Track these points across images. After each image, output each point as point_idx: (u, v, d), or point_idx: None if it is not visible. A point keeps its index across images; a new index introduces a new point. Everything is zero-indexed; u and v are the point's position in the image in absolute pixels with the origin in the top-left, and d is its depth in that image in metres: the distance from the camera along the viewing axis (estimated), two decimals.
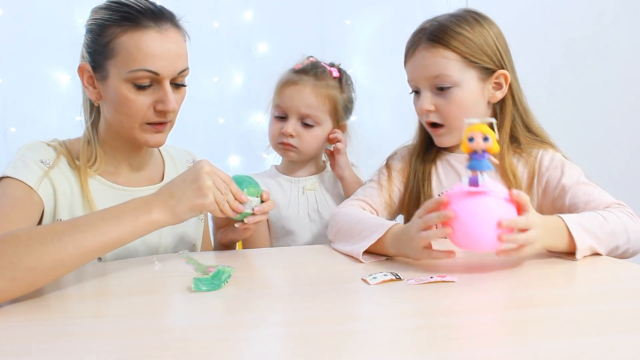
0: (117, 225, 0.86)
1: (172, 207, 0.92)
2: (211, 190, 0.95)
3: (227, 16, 2.21)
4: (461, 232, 0.86)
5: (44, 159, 1.07)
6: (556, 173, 1.11)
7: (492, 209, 0.85)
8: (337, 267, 0.98)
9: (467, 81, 1.12)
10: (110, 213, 0.89)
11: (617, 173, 2.23)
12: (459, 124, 1.12)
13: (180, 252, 0.96)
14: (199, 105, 2.15)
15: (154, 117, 1.08)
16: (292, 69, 1.31)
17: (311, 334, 0.65)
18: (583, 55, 2.25)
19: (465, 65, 1.12)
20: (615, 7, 2.27)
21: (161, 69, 1.05)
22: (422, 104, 1.14)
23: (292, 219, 1.31)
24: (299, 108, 1.27)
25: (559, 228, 0.91)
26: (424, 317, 0.71)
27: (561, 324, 0.66)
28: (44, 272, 0.80)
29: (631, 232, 0.97)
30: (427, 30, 1.14)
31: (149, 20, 1.05)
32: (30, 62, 2.09)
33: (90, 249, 0.83)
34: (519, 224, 0.85)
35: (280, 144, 1.30)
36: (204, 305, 0.78)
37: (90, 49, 1.08)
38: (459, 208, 0.86)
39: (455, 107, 1.13)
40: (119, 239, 0.87)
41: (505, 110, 1.17)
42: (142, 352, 0.62)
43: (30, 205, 1.02)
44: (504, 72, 1.14)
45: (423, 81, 1.14)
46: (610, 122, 2.26)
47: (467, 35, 1.12)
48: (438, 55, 1.12)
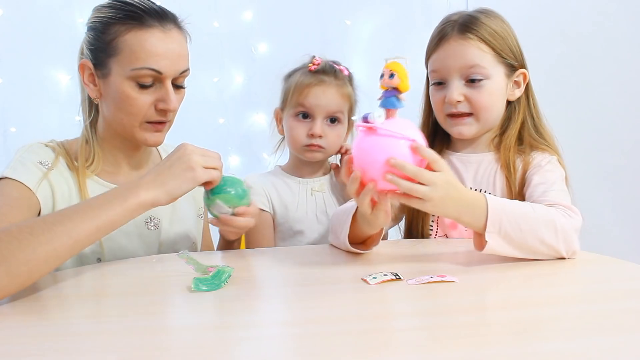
0: (106, 209, 0.87)
1: (161, 183, 0.92)
2: (198, 162, 0.95)
3: (227, 16, 2.22)
4: (357, 167, 0.86)
5: (42, 160, 1.07)
6: (534, 171, 1.11)
7: (383, 147, 0.83)
8: (337, 267, 0.98)
9: (495, 76, 1.12)
10: (99, 199, 0.89)
11: (617, 173, 2.23)
12: (487, 115, 1.14)
13: (180, 252, 0.96)
14: (199, 105, 2.15)
15: (154, 115, 1.08)
16: (306, 69, 1.30)
17: (311, 334, 0.65)
18: (583, 55, 2.25)
19: (495, 59, 1.12)
20: (615, 7, 2.27)
21: (164, 68, 1.05)
22: (452, 94, 1.12)
23: (301, 220, 1.31)
24: (327, 107, 1.27)
25: (477, 205, 0.89)
26: (424, 317, 0.71)
27: (561, 324, 0.67)
28: (37, 264, 0.80)
29: (560, 225, 0.91)
30: (458, 22, 1.13)
31: (153, 20, 1.05)
32: (30, 62, 2.09)
33: (82, 235, 0.83)
34: (406, 169, 0.82)
35: (308, 145, 1.29)
36: (204, 305, 0.78)
37: (92, 46, 1.09)
38: (357, 145, 0.87)
39: (486, 98, 1.13)
40: (110, 223, 0.87)
41: (519, 110, 1.17)
42: (142, 352, 0.62)
43: (28, 207, 1.02)
44: (525, 71, 1.15)
45: (455, 71, 1.12)
46: (610, 122, 2.26)
47: (497, 30, 1.12)
48: (473, 46, 1.11)
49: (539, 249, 0.91)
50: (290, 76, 1.32)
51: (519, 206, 0.94)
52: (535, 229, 0.90)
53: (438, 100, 1.16)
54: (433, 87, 1.18)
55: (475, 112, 1.14)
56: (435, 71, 1.16)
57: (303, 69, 1.30)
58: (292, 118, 1.29)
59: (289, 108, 1.29)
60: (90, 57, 1.09)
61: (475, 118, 1.14)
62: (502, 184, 1.14)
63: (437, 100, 1.16)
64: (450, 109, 1.14)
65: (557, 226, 0.91)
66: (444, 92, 1.14)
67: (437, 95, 1.16)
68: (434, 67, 1.16)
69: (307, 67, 1.30)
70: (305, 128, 1.27)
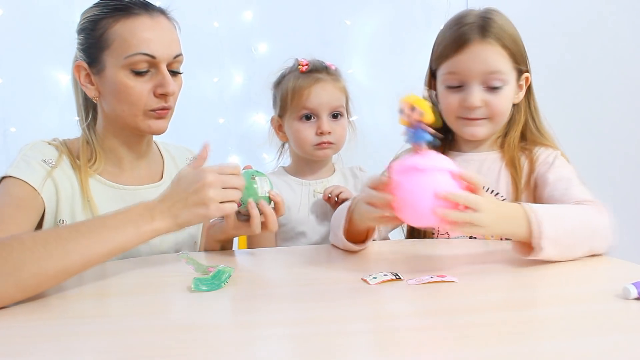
0: (120, 233, 0.86)
1: (174, 216, 0.91)
2: (213, 200, 0.92)
3: (227, 16, 2.22)
4: (402, 208, 0.85)
5: (46, 159, 1.08)
6: (544, 168, 1.11)
7: (428, 183, 0.82)
8: (337, 267, 0.98)
9: (511, 81, 1.12)
10: (114, 220, 0.88)
11: (617, 172, 2.23)
12: (502, 119, 1.15)
13: (180, 252, 0.96)
14: (199, 105, 2.16)
15: (154, 102, 1.09)
16: (296, 72, 1.30)
17: (311, 334, 0.65)
18: (583, 55, 2.25)
19: (511, 65, 1.12)
20: (615, 6, 2.27)
21: (157, 51, 1.06)
22: (473, 100, 1.10)
23: (303, 222, 1.30)
24: (329, 104, 1.28)
25: (518, 216, 0.88)
26: (424, 317, 0.71)
27: (561, 324, 0.67)
28: (47, 279, 0.80)
29: (596, 225, 0.93)
30: (476, 24, 1.10)
31: (139, 9, 1.08)
32: (30, 62, 2.09)
33: (94, 256, 0.84)
34: (458, 198, 0.82)
35: (318, 144, 1.29)
36: (204, 305, 0.78)
37: (83, 45, 1.10)
38: (397, 184, 0.85)
39: (504, 103, 1.12)
40: (122, 247, 0.87)
41: (520, 111, 1.17)
42: (142, 352, 0.62)
43: (32, 206, 1.02)
44: (528, 75, 1.15)
45: (476, 76, 1.10)
46: (610, 121, 2.26)
47: (512, 34, 1.12)
48: (495, 52, 1.10)
49: (581, 250, 0.92)
50: (280, 82, 1.32)
51: (558, 209, 0.94)
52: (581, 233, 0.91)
53: (452, 103, 1.14)
54: (446, 90, 1.14)
55: (492, 117, 1.13)
56: (454, 74, 1.12)
57: (292, 72, 1.31)
58: (296, 121, 1.29)
59: (290, 113, 1.29)
60: (83, 57, 1.10)
61: (490, 120, 1.14)
62: (506, 182, 1.14)
63: (451, 102, 1.14)
64: (467, 113, 1.12)
65: (597, 228, 0.93)
66: (459, 96, 1.12)
67: (451, 98, 1.14)
68: (452, 70, 1.13)
69: (297, 70, 1.30)
70: (312, 128, 1.28)
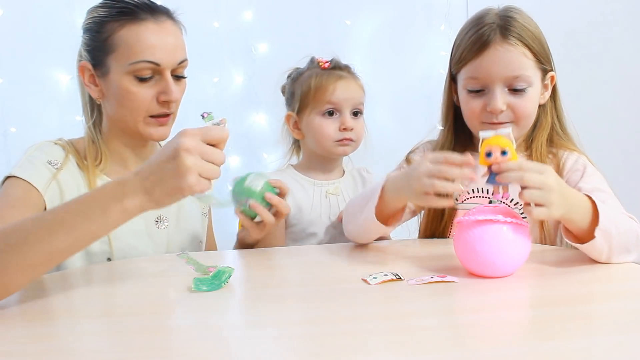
0: (85, 219, 0.75)
1: (148, 191, 0.76)
2: (191, 170, 0.75)
3: (227, 16, 2.21)
4: (473, 260, 0.85)
5: (51, 160, 1.07)
6: (576, 175, 1.08)
7: (501, 236, 0.83)
8: (337, 267, 0.98)
9: (536, 82, 1.09)
10: (80, 204, 0.78)
11: (617, 172, 2.23)
12: (527, 122, 1.11)
13: (180, 253, 0.96)
14: (199, 105, 2.14)
15: (157, 108, 1.09)
16: (317, 69, 1.30)
17: (311, 334, 0.65)
18: (583, 54, 2.25)
19: (536, 65, 1.08)
20: (615, 6, 2.27)
21: (161, 59, 1.06)
22: (496, 104, 1.06)
23: (315, 223, 1.30)
24: (353, 100, 1.29)
25: (582, 204, 0.87)
26: (424, 317, 0.71)
27: (561, 324, 0.67)
28: (14, 277, 0.75)
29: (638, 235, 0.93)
30: (496, 24, 1.06)
31: (145, 13, 1.07)
32: (30, 62, 2.08)
33: (57, 247, 0.75)
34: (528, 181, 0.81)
35: (339, 140, 1.29)
36: (204, 305, 0.78)
37: (89, 47, 1.09)
38: (469, 236, 0.84)
39: (529, 106, 1.09)
40: (91, 235, 0.77)
41: (547, 112, 1.15)
42: (142, 352, 0.62)
43: (34, 207, 1.02)
44: (553, 74, 1.12)
45: (499, 80, 1.06)
46: (611, 121, 2.26)
47: (535, 32, 1.08)
48: (518, 53, 1.06)
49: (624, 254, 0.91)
50: (298, 79, 1.32)
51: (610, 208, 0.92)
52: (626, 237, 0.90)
53: (475, 108, 1.10)
54: (468, 94, 1.11)
55: (517, 120, 1.09)
56: (476, 78, 1.09)
57: (312, 69, 1.31)
58: (318, 117, 1.29)
59: (312, 108, 1.29)
60: (88, 58, 1.10)
61: (515, 124, 1.09)
62: None
63: (474, 107, 1.10)
64: (491, 117, 1.08)
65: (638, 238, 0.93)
66: (482, 100, 1.09)
67: (474, 103, 1.10)
68: (474, 75, 1.09)
69: (317, 67, 1.31)
70: (335, 124, 1.29)
